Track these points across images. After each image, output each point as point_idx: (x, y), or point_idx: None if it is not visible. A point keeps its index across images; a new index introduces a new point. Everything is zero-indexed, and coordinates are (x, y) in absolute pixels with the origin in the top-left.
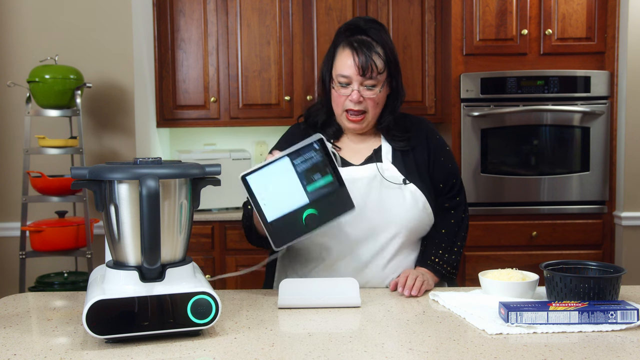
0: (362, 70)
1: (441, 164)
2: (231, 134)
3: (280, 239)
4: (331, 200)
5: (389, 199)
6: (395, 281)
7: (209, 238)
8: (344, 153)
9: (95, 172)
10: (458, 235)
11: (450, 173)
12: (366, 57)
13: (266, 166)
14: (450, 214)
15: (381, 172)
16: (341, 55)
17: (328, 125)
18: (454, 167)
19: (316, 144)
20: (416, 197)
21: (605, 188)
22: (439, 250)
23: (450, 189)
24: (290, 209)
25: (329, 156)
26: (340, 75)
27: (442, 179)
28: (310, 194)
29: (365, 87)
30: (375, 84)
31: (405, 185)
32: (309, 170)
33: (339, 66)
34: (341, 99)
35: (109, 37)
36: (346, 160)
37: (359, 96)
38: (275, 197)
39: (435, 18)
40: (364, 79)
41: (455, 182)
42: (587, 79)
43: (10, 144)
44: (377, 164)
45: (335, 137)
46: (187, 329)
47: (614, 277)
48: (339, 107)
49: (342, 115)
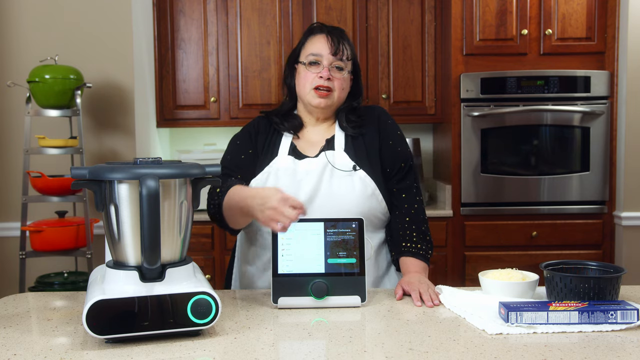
0: (335, 49)
1: (389, 147)
2: (231, 134)
3: (279, 293)
4: (346, 282)
5: (338, 187)
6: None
7: (209, 238)
8: (301, 145)
9: (95, 172)
10: (417, 217)
11: (399, 157)
12: (338, 40)
13: (300, 221)
14: (403, 198)
15: (331, 161)
16: (313, 39)
17: (289, 117)
18: (404, 150)
19: (354, 224)
20: (365, 183)
21: (605, 188)
22: (405, 234)
23: (398, 172)
24: (303, 270)
25: (361, 241)
26: (312, 54)
27: (389, 163)
28: (328, 265)
29: (335, 68)
30: (343, 67)
31: (355, 172)
32: (337, 244)
33: (310, 48)
34: (310, 77)
35: (109, 37)
36: (302, 153)
37: (329, 73)
38: (295, 253)
39: (435, 18)
40: (334, 59)
41: (404, 166)
42: (587, 79)
43: (10, 144)
44: (326, 152)
45: (295, 130)
46: (187, 329)
47: (614, 277)
48: (307, 85)
49: (310, 92)
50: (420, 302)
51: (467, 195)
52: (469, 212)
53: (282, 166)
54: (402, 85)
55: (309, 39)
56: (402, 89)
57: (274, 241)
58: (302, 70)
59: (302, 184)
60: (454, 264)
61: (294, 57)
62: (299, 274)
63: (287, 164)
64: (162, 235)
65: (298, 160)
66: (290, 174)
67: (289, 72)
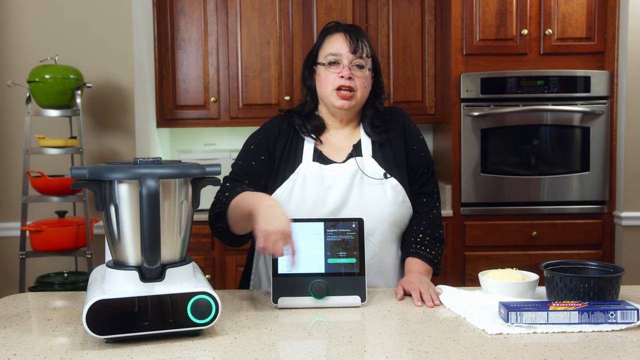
0: (354, 48)
1: (414, 152)
2: (231, 134)
3: (279, 293)
4: (346, 282)
5: (370, 194)
6: (402, 293)
7: (209, 238)
8: (327, 149)
9: (95, 172)
10: (435, 222)
11: (422, 162)
12: (357, 37)
13: (300, 221)
14: (424, 202)
15: (361, 167)
16: (331, 39)
17: (311, 118)
18: (426, 155)
19: (354, 224)
20: (397, 191)
21: (605, 188)
22: (418, 236)
23: (421, 177)
24: (303, 271)
25: (361, 241)
26: (331, 54)
27: (413, 168)
28: (328, 265)
29: (356, 66)
30: (364, 65)
31: (386, 179)
32: (337, 244)
33: (328, 48)
34: (331, 77)
35: (109, 37)
36: (329, 158)
37: (350, 72)
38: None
39: (435, 18)
40: (354, 57)
41: (427, 171)
42: (587, 79)
43: (10, 144)
44: (356, 158)
45: (317, 131)
46: (187, 329)
47: (614, 277)
48: (328, 86)
49: (332, 94)
50: (420, 302)
51: (467, 195)
52: (469, 212)
53: (308, 173)
54: (402, 85)
55: (326, 38)
56: (402, 89)
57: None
58: (322, 72)
59: (331, 191)
60: (454, 264)
61: (311, 58)
62: (299, 274)
63: (314, 170)
64: (162, 235)
65: (325, 166)
66: (317, 181)
67: (307, 74)
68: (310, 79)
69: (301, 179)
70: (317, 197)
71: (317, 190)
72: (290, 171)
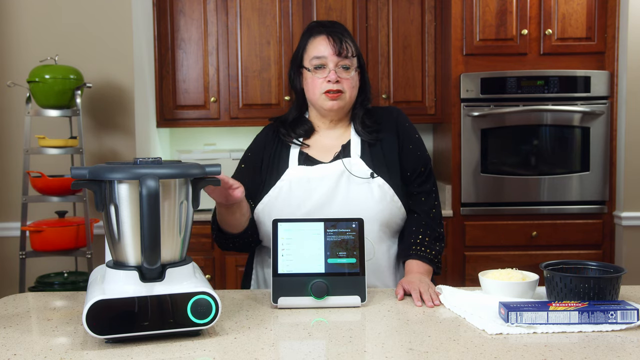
0: (338, 50)
1: (410, 151)
2: (231, 134)
3: (279, 293)
4: (346, 282)
5: (357, 193)
6: (403, 293)
7: (209, 238)
8: (314, 151)
9: (95, 172)
10: (434, 221)
11: (419, 161)
12: (340, 39)
13: (300, 221)
14: (422, 202)
15: (348, 167)
16: (314, 42)
17: (299, 123)
18: (423, 154)
19: (354, 224)
20: (384, 190)
21: (605, 188)
22: (417, 237)
23: (418, 176)
24: (303, 270)
25: (361, 241)
26: (315, 57)
27: (410, 167)
28: (328, 265)
29: (341, 68)
30: (350, 65)
31: (372, 179)
32: (337, 244)
33: (312, 51)
34: (318, 82)
35: (109, 37)
36: (315, 158)
37: (336, 75)
38: (295, 253)
39: (435, 18)
40: (339, 59)
41: (424, 170)
42: (587, 79)
43: (10, 144)
44: (343, 159)
45: (306, 135)
46: (187, 329)
47: (614, 277)
48: (316, 91)
49: (321, 97)
50: (420, 302)
51: (467, 195)
52: (469, 212)
53: (294, 177)
54: (402, 85)
55: (309, 41)
56: (402, 89)
57: (274, 241)
58: (308, 77)
59: (316, 191)
60: (454, 264)
61: (297, 61)
62: (299, 274)
63: (299, 173)
64: (162, 235)
65: (310, 167)
66: (303, 183)
67: (294, 76)
68: (297, 81)
69: (287, 184)
70: (302, 197)
71: (303, 191)
72: (276, 178)
